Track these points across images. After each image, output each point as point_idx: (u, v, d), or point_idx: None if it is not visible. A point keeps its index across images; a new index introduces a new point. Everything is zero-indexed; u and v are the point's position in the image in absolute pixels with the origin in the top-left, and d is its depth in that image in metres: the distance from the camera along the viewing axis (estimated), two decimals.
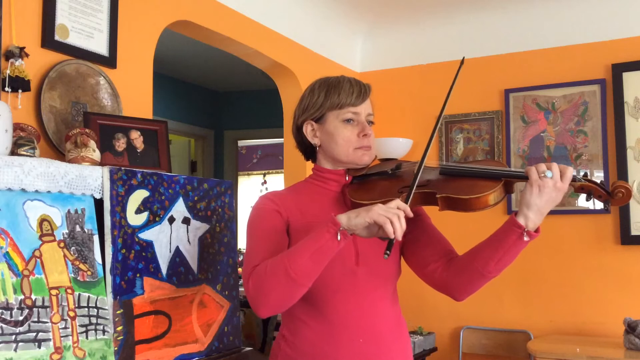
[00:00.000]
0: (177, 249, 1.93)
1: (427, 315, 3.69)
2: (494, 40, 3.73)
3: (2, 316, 1.45)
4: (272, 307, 1.44)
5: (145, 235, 1.83)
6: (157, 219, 1.88)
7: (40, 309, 1.53)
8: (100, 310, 1.67)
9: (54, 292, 1.57)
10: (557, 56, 3.56)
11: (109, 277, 1.72)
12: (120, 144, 2.06)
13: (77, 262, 1.65)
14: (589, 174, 3.09)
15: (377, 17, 3.82)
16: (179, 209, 1.95)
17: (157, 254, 1.86)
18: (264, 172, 7.73)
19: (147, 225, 1.85)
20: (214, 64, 5.02)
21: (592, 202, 2.49)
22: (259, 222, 1.57)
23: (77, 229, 1.68)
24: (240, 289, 2.28)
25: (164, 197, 1.91)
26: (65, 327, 1.57)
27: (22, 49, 1.92)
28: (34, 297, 1.53)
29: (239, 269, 2.86)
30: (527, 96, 3.63)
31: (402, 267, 1.66)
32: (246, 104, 5.99)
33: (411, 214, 1.34)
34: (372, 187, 1.58)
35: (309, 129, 1.64)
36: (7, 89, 1.87)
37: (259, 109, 5.89)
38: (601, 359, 2.80)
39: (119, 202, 1.77)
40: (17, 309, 1.48)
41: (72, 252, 1.65)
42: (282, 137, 3.78)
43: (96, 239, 1.73)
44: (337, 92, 1.58)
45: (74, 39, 2.15)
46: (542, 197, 1.39)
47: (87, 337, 1.62)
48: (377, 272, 1.57)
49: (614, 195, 1.41)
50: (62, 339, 1.56)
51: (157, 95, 2.69)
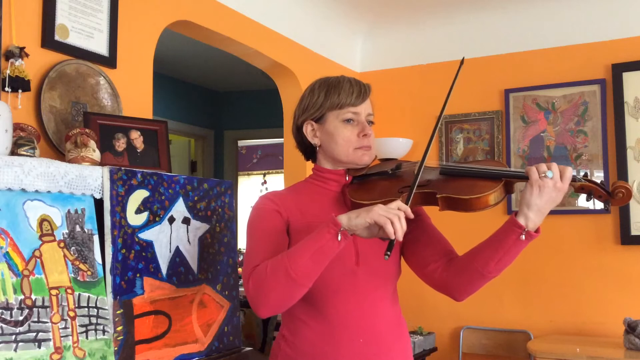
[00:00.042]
0: (177, 249, 1.93)
1: (427, 315, 3.69)
2: (494, 40, 3.73)
3: (2, 316, 1.45)
4: (272, 307, 1.44)
5: (145, 235, 1.83)
6: (157, 219, 1.88)
7: (40, 309, 1.53)
8: (100, 310, 1.67)
9: (54, 292, 1.57)
10: (557, 56, 3.56)
11: (109, 277, 1.72)
12: (120, 144, 2.06)
13: (77, 262, 1.65)
14: (589, 174, 3.08)
15: (377, 17, 3.82)
16: (179, 209, 1.95)
17: (157, 254, 1.86)
18: (264, 172, 7.72)
19: (147, 225, 1.85)
20: (214, 64, 5.02)
21: (592, 202, 2.49)
22: (259, 222, 1.57)
23: (77, 229, 1.68)
24: (240, 289, 2.28)
25: (164, 197, 1.91)
26: (65, 327, 1.57)
27: (22, 49, 1.91)
28: (34, 297, 1.53)
29: (239, 269, 2.86)
30: (527, 96, 3.62)
31: (402, 267, 1.66)
32: (246, 104, 5.98)
33: (412, 215, 1.34)
34: (372, 187, 1.58)
35: (309, 129, 1.63)
36: (7, 89, 1.87)
37: (259, 109, 5.88)
38: (601, 359, 2.80)
39: (119, 202, 1.77)
40: (17, 309, 1.48)
41: (72, 252, 1.65)
42: (282, 137, 3.78)
43: (96, 239, 1.73)
44: (337, 92, 1.58)
45: (74, 39, 2.15)
46: (543, 197, 1.39)
47: (87, 337, 1.62)
48: (377, 272, 1.57)
49: (614, 195, 1.41)
50: (62, 339, 1.56)
51: (157, 95, 2.69)
